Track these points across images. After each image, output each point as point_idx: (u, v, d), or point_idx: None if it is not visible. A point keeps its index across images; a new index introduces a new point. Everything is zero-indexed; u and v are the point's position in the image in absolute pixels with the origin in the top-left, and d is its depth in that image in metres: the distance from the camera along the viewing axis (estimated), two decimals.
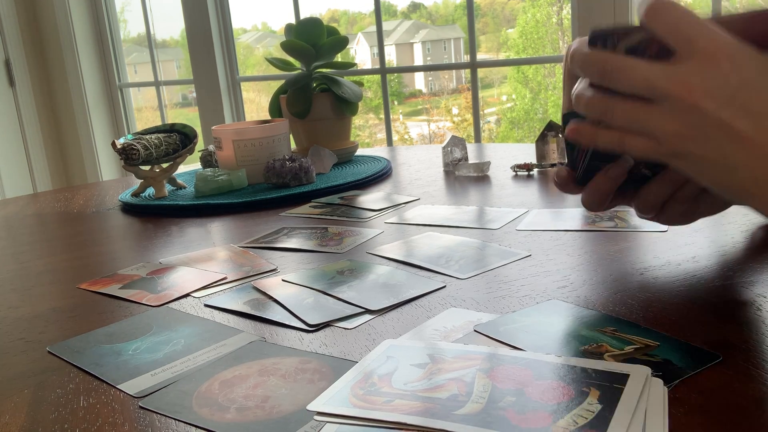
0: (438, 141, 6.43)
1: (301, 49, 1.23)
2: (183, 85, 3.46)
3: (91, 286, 0.69)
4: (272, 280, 0.65)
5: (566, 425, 0.36)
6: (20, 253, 0.86)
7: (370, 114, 5.92)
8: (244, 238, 0.82)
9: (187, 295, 0.64)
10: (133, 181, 1.31)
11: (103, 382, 0.48)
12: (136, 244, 0.86)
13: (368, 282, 0.62)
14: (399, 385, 0.42)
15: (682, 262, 0.60)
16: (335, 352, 0.49)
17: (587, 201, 0.55)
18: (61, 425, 0.42)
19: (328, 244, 0.76)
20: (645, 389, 0.39)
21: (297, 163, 1.06)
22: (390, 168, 1.19)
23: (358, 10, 6.63)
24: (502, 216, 0.82)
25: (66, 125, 2.98)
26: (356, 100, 1.25)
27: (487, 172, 1.09)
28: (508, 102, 6.47)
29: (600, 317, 0.50)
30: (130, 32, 3.15)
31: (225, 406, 0.43)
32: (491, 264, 0.65)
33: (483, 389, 0.40)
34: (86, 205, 1.14)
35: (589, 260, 0.63)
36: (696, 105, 0.41)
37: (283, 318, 0.56)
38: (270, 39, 5.80)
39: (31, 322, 0.61)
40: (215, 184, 1.05)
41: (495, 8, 6.35)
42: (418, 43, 7.27)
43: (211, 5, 2.55)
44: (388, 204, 0.94)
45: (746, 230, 0.68)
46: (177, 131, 1.13)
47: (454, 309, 0.55)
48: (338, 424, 0.39)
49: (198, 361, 0.49)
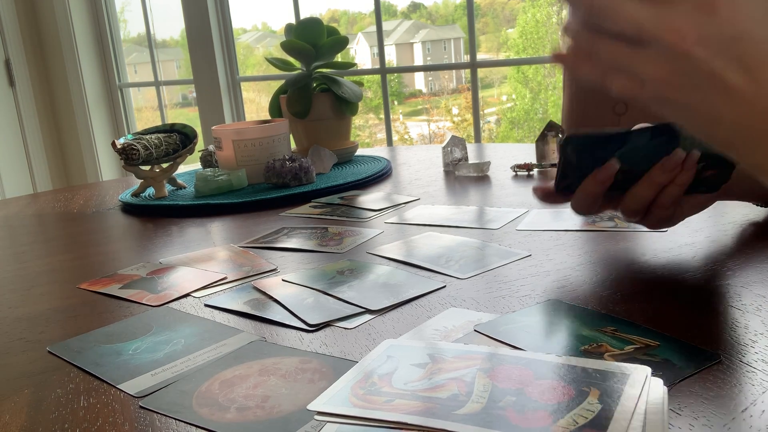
0: (438, 141, 6.43)
1: (301, 49, 1.23)
2: (183, 85, 3.46)
3: (91, 286, 0.69)
4: (272, 280, 0.65)
5: (566, 425, 0.36)
6: (20, 253, 0.86)
7: (370, 114, 5.92)
8: (244, 238, 0.82)
9: (187, 295, 0.64)
10: (133, 181, 1.31)
11: (103, 382, 0.48)
12: (136, 244, 0.86)
13: (368, 282, 0.62)
14: (399, 384, 0.42)
15: (682, 262, 0.60)
16: (335, 352, 0.49)
17: (576, 205, 0.56)
18: (61, 425, 0.42)
19: (328, 244, 0.76)
20: (645, 389, 0.39)
21: (297, 163, 1.06)
22: (390, 168, 1.19)
23: (358, 10, 6.64)
24: (502, 216, 0.82)
25: (66, 125, 2.98)
26: (356, 100, 1.25)
27: (487, 172, 1.09)
28: (508, 102, 6.47)
29: (600, 317, 0.50)
30: (130, 32, 3.15)
31: (225, 406, 0.43)
32: (491, 264, 0.65)
33: (483, 389, 0.40)
34: (86, 205, 1.14)
35: (589, 260, 0.63)
36: (687, 53, 0.39)
37: (283, 318, 0.56)
38: (270, 39, 5.80)
39: (31, 322, 0.61)
40: (215, 184, 1.05)
41: (495, 8, 6.35)
42: (418, 43, 7.27)
43: (211, 5, 2.55)
44: (388, 204, 0.94)
45: (746, 230, 0.68)
46: (177, 131, 1.13)
47: (454, 309, 0.55)
48: (338, 423, 0.39)
49: (198, 361, 0.49)
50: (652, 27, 0.40)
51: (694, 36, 0.38)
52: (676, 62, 0.39)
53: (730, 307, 0.51)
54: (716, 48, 0.38)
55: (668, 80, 0.40)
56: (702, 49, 0.38)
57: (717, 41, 0.38)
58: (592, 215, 0.70)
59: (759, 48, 0.38)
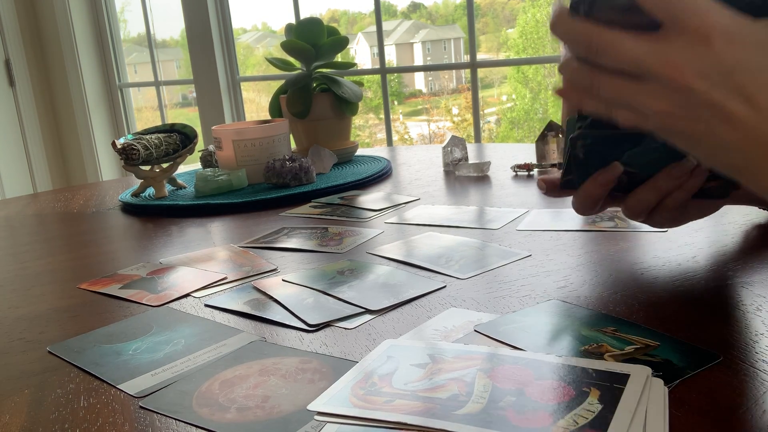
0: (438, 141, 6.43)
1: (301, 49, 1.23)
2: (183, 85, 3.46)
3: (91, 286, 0.69)
4: (272, 280, 0.65)
5: (566, 425, 0.36)
6: (20, 253, 0.86)
7: (370, 114, 5.91)
8: (244, 238, 0.82)
9: (187, 295, 0.64)
10: (133, 181, 1.31)
11: (103, 382, 0.48)
12: (136, 244, 0.86)
13: (368, 282, 0.62)
14: (399, 385, 0.42)
15: (682, 262, 0.60)
16: (335, 352, 0.49)
17: (578, 205, 0.56)
18: (61, 425, 0.42)
19: (328, 244, 0.76)
20: (645, 389, 0.39)
21: (297, 163, 1.06)
22: (390, 168, 1.19)
23: (358, 10, 6.63)
24: (502, 216, 0.82)
25: (66, 125, 2.98)
26: (356, 100, 1.25)
27: (487, 172, 1.09)
28: (508, 102, 6.47)
29: (600, 317, 0.50)
30: (130, 32, 3.15)
31: (225, 406, 0.43)
32: (491, 264, 0.65)
33: (483, 389, 0.40)
34: (86, 205, 1.14)
35: (589, 260, 0.63)
36: (687, 86, 0.39)
37: (283, 318, 0.56)
38: (270, 39, 5.80)
39: (31, 322, 0.61)
40: (215, 184, 1.05)
41: (495, 8, 6.35)
42: (418, 43, 7.27)
43: (211, 5, 2.55)
44: (388, 204, 0.94)
45: (746, 230, 0.68)
46: (177, 131, 1.13)
47: (454, 309, 0.55)
48: (338, 424, 0.39)
49: (198, 361, 0.49)
50: (651, 63, 0.40)
51: (693, 70, 0.39)
52: (677, 95, 0.40)
53: (730, 307, 0.51)
54: (715, 80, 0.39)
55: (671, 112, 0.41)
56: (701, 81, 0.39)
57: (715, 73, 0.39)
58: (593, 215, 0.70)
59: (757, 76, 0.39)
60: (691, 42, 0.39)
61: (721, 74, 0.39)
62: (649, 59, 0.40)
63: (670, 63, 0.40)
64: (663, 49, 0.40)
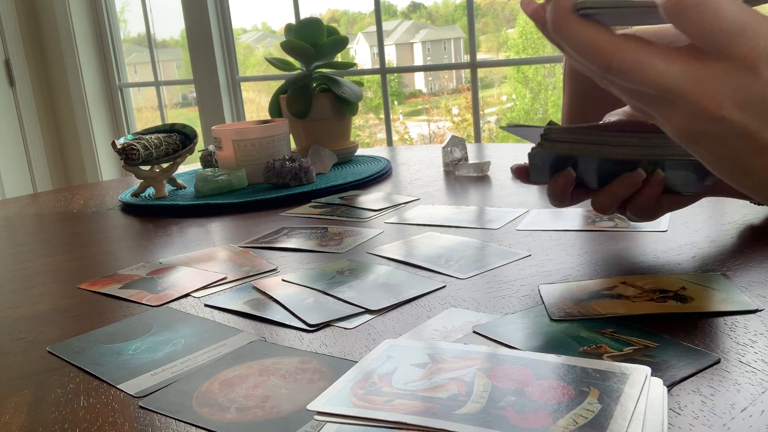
0: (438, 141, 6.43)
1: (301, 49, 1.23)
2: (183, 85, 3.46)
3: (91, 286, 0.69)
4: (272, 280, 0.65)
5: (566, 425, 0.36)
6: (20, 253, 0.86)
7: (370, 114, 5.91)
8: (244, 238, 0.82)
9: (187, 295, 0.64)
10: (133, 181, 1.31)
11: (103, 382, 0.48)
12: (136, 244, 0.86)
13: (368, 282, 0.62)
14: (399, 384, 0.42)
15: (682, 262, 0.60)
16: (335, 352, 0.49)
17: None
18: (61, 425, 0.43)
19: (328, 244, 0.76)
20: (645, 389, 0.39)
21: (297, 163, 1.06)
22: (390, 168, 1.19)
23: (358, 10, 6.63)
24: (502, 216, 0.82)
25: (66, 125, 2.98)
26: (356, 100, 1.25)
27: (487, 172, 1.09)
28: (508, 102, 6.47)
29: (599, 318, 0.50)
30: (130, 32, 3.15)
31: (225, 406, 0.43)
32: (491, 264, 0.65)
33: (483, 389, 0.40)
34: (86, 205, 1.14)
35: (589, 260, 0.63)
36: (723, 117, 0.36)
37: (283, 318, 0.56)
38: (270, 39, 5.80)
39: (31, 322, 0.61)
40: (215, 184, 1.05)
41: (495, 8, 6.35)
42: (418, 43, 7.27)
43: (211, 5, 2.55)
44: (388, 204, 0.94)
45: (745, 231, 0.68)
46: (177, 131, 1.13)
47: (454, 309, 0.55)
48: (338, 423, 0.39)
49: (198, 361, 0.49)
50: (684, 90, 0.37)
51: (732, 100, 0.36)
52: (707, 123, 0.37)
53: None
54: (755, 111, 0.36)
55: (695, 132, 0.38)
56: (739, 113, 0.36)
57: (758, 104, 0.36)
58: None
59: None
60: (736, 69, 0.36)
61: (761, 106, 0.36)
62: (684, 86, 0.37)
63: (708, 94, 0.36)
64: (700, 75, 0.36)
